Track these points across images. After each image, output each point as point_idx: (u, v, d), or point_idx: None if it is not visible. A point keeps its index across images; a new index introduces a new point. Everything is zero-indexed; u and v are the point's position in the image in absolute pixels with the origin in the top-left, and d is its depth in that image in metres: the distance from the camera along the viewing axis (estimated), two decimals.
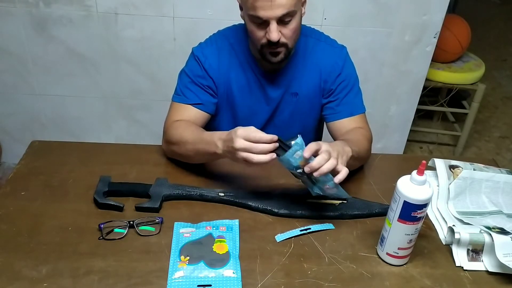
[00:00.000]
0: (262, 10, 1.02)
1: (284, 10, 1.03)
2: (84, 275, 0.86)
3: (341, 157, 0.95)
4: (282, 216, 1.03)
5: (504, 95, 3.33)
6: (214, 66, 1.19)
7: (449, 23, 2.19)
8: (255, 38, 1.10)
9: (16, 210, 1.00)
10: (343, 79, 1.21)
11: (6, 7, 1.83)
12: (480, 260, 0.94)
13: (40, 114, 2.13)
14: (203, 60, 1.18)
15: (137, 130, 2.18)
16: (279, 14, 1.03)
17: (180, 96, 1.19)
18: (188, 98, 1.18)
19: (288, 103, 1.25)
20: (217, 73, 1.20)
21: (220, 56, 1.19)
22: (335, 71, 1.21)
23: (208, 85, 1.19)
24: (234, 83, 1.22)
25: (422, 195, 0.84)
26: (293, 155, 0.93)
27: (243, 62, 1.21)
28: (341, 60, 1.22)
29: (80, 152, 1.20)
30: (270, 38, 1.05)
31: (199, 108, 1.19)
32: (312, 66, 1.22)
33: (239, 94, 1.23)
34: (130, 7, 1.84)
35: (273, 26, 1.04)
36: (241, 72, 1.21)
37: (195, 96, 1.18)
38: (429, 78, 2.32)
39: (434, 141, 2.76)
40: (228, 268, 0.88)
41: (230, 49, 1.20)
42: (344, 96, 1.22)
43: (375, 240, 0.97)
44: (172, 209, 1.03)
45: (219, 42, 1.21)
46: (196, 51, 1.20)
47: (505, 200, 1.09)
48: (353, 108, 1.22)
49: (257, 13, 1.03)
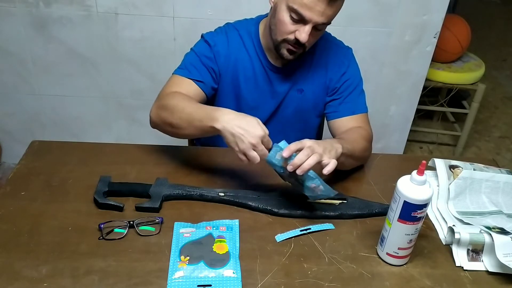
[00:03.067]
0: (309, 11, 1.02)
1: (326, 19, 1.04)
2: (84, 275, 0.86)
3: (329, 152, 0.95)
4: (282, 216, 1.03)
5: (504, 95, 3.34)
6: (222, 54, 1.19)
7: (449, 23, 2.19)
8: (282, 30, 1.08)
9: (16, 210, 1.00)
10: (347, 78, 1.22)
11: (6, 7, 1.84)
12: (480, 260, 0.94)
13: (40, 114, 2.13)
14: (213, 45, 1.19)
15: (137, 130, 2.18)
16: (321, 21, 1.04)
17: (183, 70, 1.18)
18: (190, 72, 1.17)
19: (293, 99, 1.26)
20: (224, 62, 1.20)
21: (229, 46, 1.20)
22: (341, 70, 1.22)
23: (213, 68, 1.19)
24: (241, 74, 1.22)
25: (422, 195, 0.84)
26: (275, 157, 0.94)
27: (252, 55, 1.21)
28: (347, 59, 1.24)
29: (80, 152, 1.20)
30: (299, 38, 1.05)
31: (199, 86, 1.17)
32: (319, 64, 1.23)
33: (245, 86, 1.23)
34: (130, 7, 1.84)
35: (308, 28, 1.04)
36: (249, 65, 1.21)
37: (198, 73, 1.17)
38: (429, 78, 2.32)
39: (434, 141, 2.76)
40: (228, 268, 0.88)
41: (239, 40, 1.21)
42: (348, 95, 1.22)
43: (375, 240, 0.96)
44: (172, 209, 1.03)
45: (229, 33, 1.21)
46: (206, 36, 1.20)
47: (505, 200, 1.09)
48: (355, 107, 1.22)
49: (302, 11, 1.02)
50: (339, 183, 1.14)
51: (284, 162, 0.94)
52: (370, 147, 1.18)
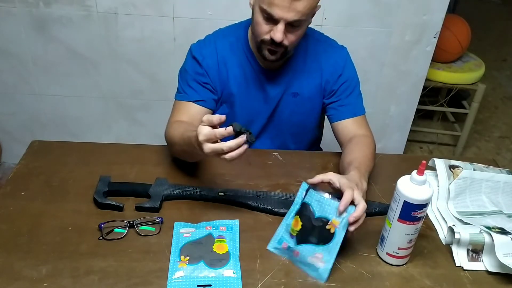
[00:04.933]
0: (278, 9, 1.02)
1: (297, 16, 1.03)
2: (84, 275, 0.86)
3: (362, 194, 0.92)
4: (282, 216, 1.02)
5: (504, 95, 3.33)
6: (212, 66, 1.19)
7: (449, 23, 2.19)
8: (259, 31, 1.09)
9: (16, 210, 1.00)
10: (345, 80, 1.22)
11: (6, 7, 1.83)
12: (480, 260, 0.94)
13: (40, 114, 2.13)
14: (201, 59, 1.18)
15: (137, 130, 2.18)
16: (291, 18, 1.03)
17: (181, 94, 1.20)
18: (188, 95, 1.18)
19: (288, 103, 1.25)
20: (215, 73, 1.20)
21: (218, 56, 1.19)
22: (337, 71, 1.21)
23: (207, 82, 1.19)
24: (233, 82, 1.21)
25: (422, 195, 0.84)
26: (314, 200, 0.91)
27: (242, 61, 1.21)
28: (342, 60, 1.23)
29: (80, 152, 1.20)
30: (274, 38, 1.05)
31: (201, 105, 1.18)
32: (313, 66, 1.22)
33: (238, 92, 1.23)
34: (130, 7, 1.84)
35: (281, 27, 1.04)
36: (240, 71, 1.21)
37: (196, 93, 1.18)
38: (429, 78, 2.32)
39: (434, 141, 2.76)
40: (228, 268, 0.88)
41: (229, 48, 1.20)
42: (347, 97, 1.22)
43: (375, 240, 0.96)
44: (172, 209, 1.03)
45: (218, 42, 1.21)
46: (194, 51, 1.20)
47: (505, 200, 1.09)
48: (355, 109, 1.22)
49: (271, 10, 1.02)
50: None
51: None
52: (375, 157, 1.18)
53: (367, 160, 1.09)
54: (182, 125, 1.11)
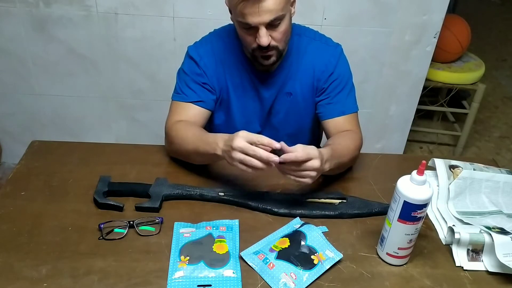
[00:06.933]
0: (250, 16, 1.02)
1: (272, 16, 1.02)
2: (84, 275, 0.86)
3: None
4: (282, 216, 1.03)
5: (504, 95, 3.33)
6: (210, 65, 1.19)
7: (449, 23, 2.19)
8: (246, 43, 1.10)
9: (16, 210, 1.00)
10: (335, 78, 1.21)
11: (6, 7, 1.83)
12: (480, 260, 0.94)
13: (40, 114, 2.13)
14: (198, 60, 1.18)
15: (137, 130, 2.18)
16: (267, 19, 1.02)
17: (180, 94, 1.19)
18: (187, 96, 1.18)
19: (282, 103, 1.25)
20: (213, 72, 1.20)
21: (215, 56, 1.19)
22: (328, 70, 1.21)
23: (206, 82, 1.19)
24: (230, 83, 1.22)
25: (422, 195, 0.84)
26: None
27: (237, 62, 1.21)
28: (335, 58, 1.21)
29: (80, 152, 1.20)
30: (260, 43, 1.05)
31: (200, 106, 1.19)
32: (306, 65, 1.21)
33: (234, 93, 1.23)
34: (130, 7, 1.84)
35: (263, 32, 1.04)
36: (236, 71, 1.21)
37: (195, 93, 1.18)
38: (429, 78, 2.32)
39: (434, 141, 2.76)
40: (228, 268, 0.88)
41: (224, 48, 1.20)
42: (336, 95, 1.21)
43: (375, 240, 0.97)
44: (172, 209, 1.03)
45: (214, 42, 1.21)
46: (191, 51, 1.20)
47: (505, 200, 1.09)
48: (344, 107, 1.21)
49: (245, 20, 1.03)
50: (339, 183, 1.14)
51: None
52: (358, 154, 1.18)
53: (344, 149, 1.10)
54: (193, 125, 1.14)
